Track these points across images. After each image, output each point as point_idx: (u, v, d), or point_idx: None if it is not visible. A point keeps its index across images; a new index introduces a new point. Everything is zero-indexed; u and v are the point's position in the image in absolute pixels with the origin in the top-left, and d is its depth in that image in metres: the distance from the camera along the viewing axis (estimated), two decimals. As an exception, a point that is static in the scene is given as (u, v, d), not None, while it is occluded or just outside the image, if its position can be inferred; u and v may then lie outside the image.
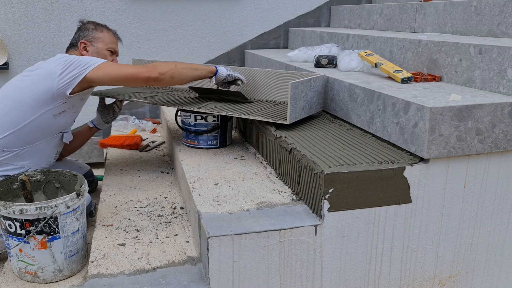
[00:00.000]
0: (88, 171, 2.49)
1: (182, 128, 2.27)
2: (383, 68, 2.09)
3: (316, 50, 2.69)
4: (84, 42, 2.11)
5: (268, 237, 1.42)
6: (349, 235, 1.52)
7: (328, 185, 1.45)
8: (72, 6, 3.25)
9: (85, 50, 2.12)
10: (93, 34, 2.13)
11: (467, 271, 1.71)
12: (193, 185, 1.75)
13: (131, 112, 3.50)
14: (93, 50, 2.11)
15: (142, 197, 2.07)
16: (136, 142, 2.76)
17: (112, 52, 2.17)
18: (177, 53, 3.53)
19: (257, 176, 1.86)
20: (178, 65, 2.01)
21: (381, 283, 1.61)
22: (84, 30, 2.15)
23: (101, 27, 2.17)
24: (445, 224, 1.62)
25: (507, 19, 2.11)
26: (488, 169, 1.61)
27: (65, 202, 1.62)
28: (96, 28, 2.16)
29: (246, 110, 2.05)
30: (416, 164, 1.53)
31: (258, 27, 3.69)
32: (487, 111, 1.53)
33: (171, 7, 3.45)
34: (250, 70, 2.35)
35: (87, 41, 2.12)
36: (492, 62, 1.74)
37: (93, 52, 2.11)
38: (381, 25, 3.11)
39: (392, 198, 1.53)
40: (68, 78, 1.85)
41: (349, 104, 1.98)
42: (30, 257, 1.64)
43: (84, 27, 2.17)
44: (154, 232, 1.77)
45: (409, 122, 1.57)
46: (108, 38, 2.16)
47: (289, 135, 1.83)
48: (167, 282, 1.46)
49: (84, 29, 2.15)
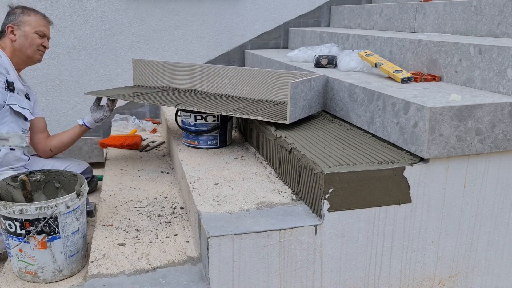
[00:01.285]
0: (87, 168, 2.48)
1: (182, 128, 2.27)
2: (383, 68, 2.09)
3: (316, 50, 2.69)
4: (11, 26, 2.13)
5: (268, 237, 1.42)
6: (349, 235, 1.52)
7: (328, 185, 1.45)
8: (72, 6, 3.25)
9: (12, 34, 2.13)
10: (20, 18, 2.15)
11: (467, 271, 1.71)
12: (193, 185, 1.75)
13: (131, 112, 3.50)
14: (20, 34, 2.13)
15: (142, 197, 2.07)
16: (136, 142, 2.76)
17: (42, 36, 2.19)
18: (177, 53, 3.53)
19: (257, 176, 1.86)
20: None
21: (381, 283, 1.61)
22: (12, 15, 2.17)
23: (28, 11, 2.19)
24: (445, 224, 1.62)
25: (507, 19, 2.11)
26: (488, 169, 1.61)
27: (65, 202, 1.62)
28: (23, 12, 2.17)
29: (246, 110, 2.05)
30: (416, 164, 1.53)
31: (258, 27, 3.69)
32: (487, 111, 1.53)
33: (171, 7, 3.45)
34: (250, 70, 2.35)
35: (14, 25, 2.13)
36: (492, 62, 1.74)
37: (20, 36, 2.13)
38: (381, 25, 3.11)
39: (392, 198, 1.53)
40: None
41: (349, 104, 1.98)
42: (30, 257, 1.64)
43: (12, 11, 2.19)
44: (154, 232, 1.77)
45: (409, 122, 1.57)
46: (36, 21, 2.17)
47: (289, 135, 1.83)
48: (167, 282, 1.46)
49: (12, 14, 2.17)
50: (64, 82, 3.35)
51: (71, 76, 3.31)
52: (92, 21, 3.30)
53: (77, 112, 3.37)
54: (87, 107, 2.44)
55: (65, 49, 3.29)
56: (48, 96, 3.31)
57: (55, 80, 3.30)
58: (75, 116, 3.32)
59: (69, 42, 3.28)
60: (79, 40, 3.29)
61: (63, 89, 3.34)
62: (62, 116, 3.37)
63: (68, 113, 3.38)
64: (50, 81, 3.29)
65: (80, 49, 3.29)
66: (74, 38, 3.28)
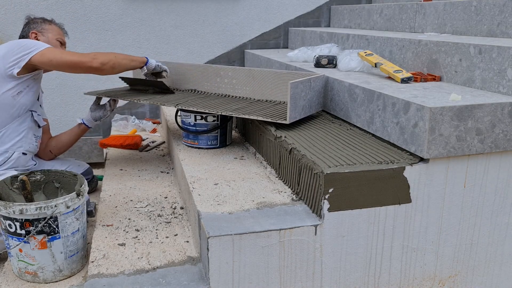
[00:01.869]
0: (87, 169, 2.49)
1: (182, 128, 2.27)
2: (383, 68, 2.09)
3: (316, 50, 2.69)
4: (35, 32, 2.23)
5: (268, 237, 1.42)
6: (349, 235, 1.52)
7: (328, 185, 1.45)
8: (72, 6, 3.25)
9: (36, 40, 2.20)
10: (43, 26, 2.26)
11: (467, 271, 1.71)
12: (193, 185, 1.75)
13: (131, 112, 3.50)
14: (44, 40, 2.21)
15: (142, 197, 2.07)
16: (136, 142, 2.76)
17: (61, 43, 2.30)
18: (177, 53, 3.53)
19: (257, 176, 1.86)
20: (118, 56, 2.10)
21: (381, 283, 1.61)
22: (34, 23, 2.27)
23: (49, 21, 2.31)
24: (445, 224, 1.62)
25: (507, 19, 2.11)
26: (488, 169, 1.61)
27: (65, 202, 1.62)
28: (44, 21, 2.29)
29: (246, 110, 2.05)
30: (416, 164, 1.53)
31: (258, 27, 3.69)
32: (487, 111, 1.53)
33: (171, 7, 3.45)
34: (250, 70, 2.35)
35: (37, 31, 2.23)
36: (492, 62, 1.74)
37: (44, 42, 2.18)
38: (381, 25, 3.11)
39: (392, 198, 1.53)
40: (14, 60, 1.94)
41: (349, 104, 1.98)
42: (30, 257, 1.64)
43: (32, 20, 2.29)
44: (154, 232, 1.77)
45: (409, 122, 1.57)
46: (57, 30, 2.30)
47: (289, 135, 1.83)
48: (167, 282, 1.46)
49: (33, 22, 2.28)
50: (64, 82, 3.35)
51: (71, 76, 3.31)
52: (92, 21, 3.30)
53: (77, 112, 3.37)
54: (87, 107, 2.44)
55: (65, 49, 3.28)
56: (48, 96, 3.31)
57: (55, 80, 3.30)
58: (76, 116, 3.32)
59: (69, 42, 3.24)
60: (79, 40, 3.29)
61: (64, 89, 3.34)
62: (63, 116, 3.37)
63: (68, 113, 3.38)
64: (50, 81, 3.29)
65: (80, 49, 3.29)
66: (74, 38, 3.28)
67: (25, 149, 2.10)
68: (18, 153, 2.07)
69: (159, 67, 2.31)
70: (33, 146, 2.16)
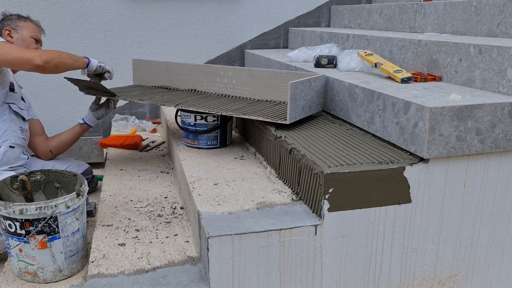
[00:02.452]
0: (87, 169, 2.49)
1: (182, 128, 2.27)
2: (383, 68, 2.09)
3: (316, 50, 2.68)
4: (9, 29, 2.22)
5: (268, 237, 1.42)
6: (349, 235, 1.52)
7: (328, 185, 1.45)
8: (72, 6, 3.25)
9: (10, 37, 2.21)
10: (17, 23, 2.25)
11: (467, 271, 1.71)
12: (193, 185, 1.75)
13: (131, 112, 3.49)
14: (17, 37, 2.21)
15: (142, 197, 2.07)
16: (136, 142, 2.76)
17: (37, 41, 2.28)
18: (177, 53, 3.53)
19: (257, 176, 1.86)
20: (62, 54, 2.04)
21: (381, 283, 1.61)
22: (8, 20, 2.27)
23: (24, 18, 2.30)
24: (445, 224, 1.62)
25: (507, 19, 2.11)
26: (488, 169, 1.61)
27: (65, 202, 1.62)
28: (19, 18, 2.28)
29: (246, 110, 2.05)
30: (416, 164, 1.53)
31: (258, 27, 3.69)
32: (487, 111, 1.53)
33: (171, 7, 3.45)
34: (250, 70, 2.35)
35: (11, 28, 2.22)
36: (492, 62, 1.74)
37: (17, 39, 2.21)
38: (381, 25, 3.11)
39: (392, 198, 1.53)
40: None
41: (349, 104, 1.98)
42: (30, 257, 1.64)
43: (7, 17, 2.29)
44: (154, 232, 1.77)
45: (409, 122, 1.57)
46: (32, 27, 2.29)
47: (289, 135, 1.83)
48: (167, 282, 1.46)
49: (8, 19, 2.27)
50: (64, 82, 3.34)
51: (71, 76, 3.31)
52: (92, 21, 3.30)
53: (77, 112, 3.37)
54: (87, 107, 2.44)
55: (65, 49, 3.24)
56: (48, 96, 3.31)
57: (55, 80, 3.30)
58: (76, 116, 3.31)
59: (69, 42, 3.27)
60: (78, 40, 3.29)
61: (64, 89, 3.33)
62: (63, 116, 3.37)
63: (68, 113, 3.38)
64: (50, 81, 3.29)
65: (80, 49, 3.29)
66: (73, 38, 3.28)
67: (12, 142, 2.11)
68: (5, 147, 2.08)
69: (101, 68, 2.26)
70: (19, 139, 2.17)
